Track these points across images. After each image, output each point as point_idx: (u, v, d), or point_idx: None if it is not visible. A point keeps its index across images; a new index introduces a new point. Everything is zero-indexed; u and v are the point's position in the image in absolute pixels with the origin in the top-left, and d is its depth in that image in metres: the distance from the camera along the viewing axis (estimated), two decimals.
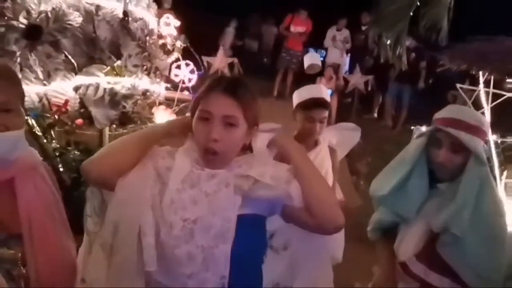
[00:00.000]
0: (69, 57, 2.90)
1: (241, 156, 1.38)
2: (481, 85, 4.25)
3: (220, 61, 7.88)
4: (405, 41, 4.56)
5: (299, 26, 9.09)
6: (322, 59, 10.39)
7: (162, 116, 3.69)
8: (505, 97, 4.23)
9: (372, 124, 8.20)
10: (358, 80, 8.33)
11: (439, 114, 1.70)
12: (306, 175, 1.34)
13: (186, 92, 4.34)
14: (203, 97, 1.30)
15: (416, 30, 5.09)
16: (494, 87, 4.21)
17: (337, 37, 9.20)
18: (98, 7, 2.97)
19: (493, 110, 4.24)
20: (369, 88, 8.65)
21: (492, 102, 4.28)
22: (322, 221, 1.31)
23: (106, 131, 3.64)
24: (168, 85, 3.71)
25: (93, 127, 3.33)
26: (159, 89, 3.55)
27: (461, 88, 4.61)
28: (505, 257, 1.62)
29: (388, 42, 5.43)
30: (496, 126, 4.30)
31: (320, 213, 1.30)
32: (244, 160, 1.36)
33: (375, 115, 8.85)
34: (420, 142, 1.69)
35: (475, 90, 4.46)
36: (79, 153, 3.64)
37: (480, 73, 4.13)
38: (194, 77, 4.45)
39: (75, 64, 2.92)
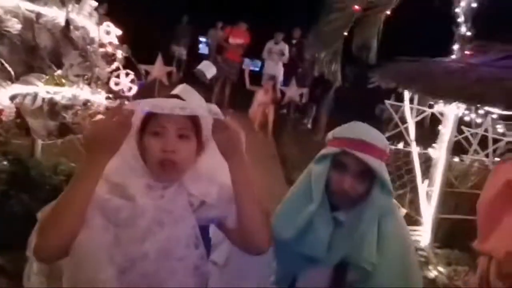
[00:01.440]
0: (6, 65, 2.79)
1: (192, 169, 1.39)
2: (407, 102, 4.62)
3: (158, 70, 7.81)
4: (340, 59, 4.84)
5: (237, 38, 9.26)
6: (258, 69, 10.65)
7: None
8: (426, 112, 4.63)
9: (306, 135, 8.51)
10: (294, 92, 8.64)
11: (342, 133, 1.50)
12: (243, 198, 1.34)
13: (126, 102, 4.28)
14: (154, 114, 1.30)
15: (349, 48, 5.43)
16: (418, 104, 4.60)
17: (273, 49, 9.50)
18: (38, 15, 2.89)
19: (416, 124, 4.62)
20: (303, 100, 9.00)
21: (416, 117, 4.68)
22: (250, 245, 1.37)
23: (39, 140, 3.51)
24: (110, 95, 3.65)
25: (27, 138, 3.21)
26: (100, 99, 3.49)
27: (388, 103, 4.99)
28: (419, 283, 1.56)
29: (325, 58, 5.74)
30: (419, 139, 4.70)
31: (250, 238, 1.35)
32: (194, 175, 1.38)
33: (309, 126, 9.20)
34: (323, 169, 1.48)
35: (400, 106, 4.84)
36: (8, 163, 3.47)
37: (406, 91, 4.48)
38: (135, 86, 4.41)
39: (12, 73, 2.81)
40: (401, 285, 1.45)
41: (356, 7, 4.48)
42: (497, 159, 4.99)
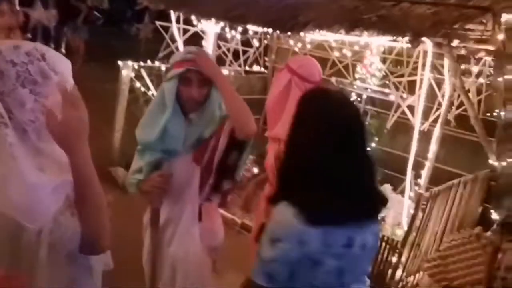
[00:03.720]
0: None
1: None
2: (174, 22, 4.98)
3: None
4: None
5: None
6: None
7: None
8: (192, 30, 5.12)
9: None
10: (41, 14, 7.80)
11: (179, 57, 1.91)
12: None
13: None
14: None
15: None
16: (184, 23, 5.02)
17: None
18: None
19: (185, 43, 5.08)
20: (53, 23, 8.25)
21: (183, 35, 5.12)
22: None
23: None
24: None
25: None
26: None
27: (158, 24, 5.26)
28: None
29: None
30: None
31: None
32: None
33: (63, 50, 8.58)
34: (173, 84, 1.87)
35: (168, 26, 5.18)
36: None
37: (172, 12, 4.81)
38: None
39: None
40: None
41: None
42: (248, 68, 5.99)
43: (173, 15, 4.92)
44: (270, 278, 1.27)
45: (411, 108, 4.17)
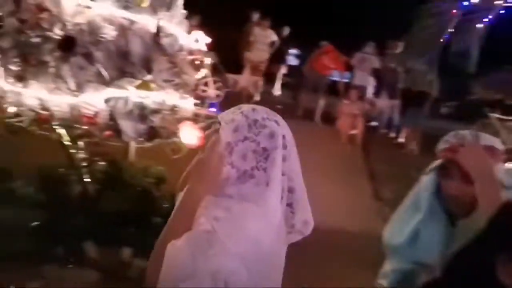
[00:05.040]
0: (102, 69, 2.93)
1: None
2: None
3: (245, 80, 7.96)
4: (436, 68, 4.51)
5: (332, 62, 9.20)
6: (347, 80, 10.39)
7: (188, 131, 3.67)
8: None
9: (398, 149, 8.07)
10: (385, 104, 8.25)
11: (444, 144, 1.54)
12: None
13: (213, 109, 4.35)
14: None
15: (445, 56, 5.04)
16: None
17: (365, 60, 9.18)
18: (131, 22, 3.02)
19: None
20: (395, 113, 8.53)
21: None
22: None
23: (132, 143, 3.66)
24: (197, 101, 3.72)
25: (119, 140, 3.34)
26: (187, 104, 3.55)
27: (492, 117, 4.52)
28: None
29: (419, 68, 5.40)
30: None
31: None
32: None
33: (401, 139, 8.68)
34: (430, 180, 1.54)
35: (506, 120, 4.37)
36: (104, 163, 3.67)
37: None
38: (221, 94, 4.47)
39: (107, 77, 2.95)
40: None
41: (454, 11, 4.15)
42: None
43: None
44: None
45: None
